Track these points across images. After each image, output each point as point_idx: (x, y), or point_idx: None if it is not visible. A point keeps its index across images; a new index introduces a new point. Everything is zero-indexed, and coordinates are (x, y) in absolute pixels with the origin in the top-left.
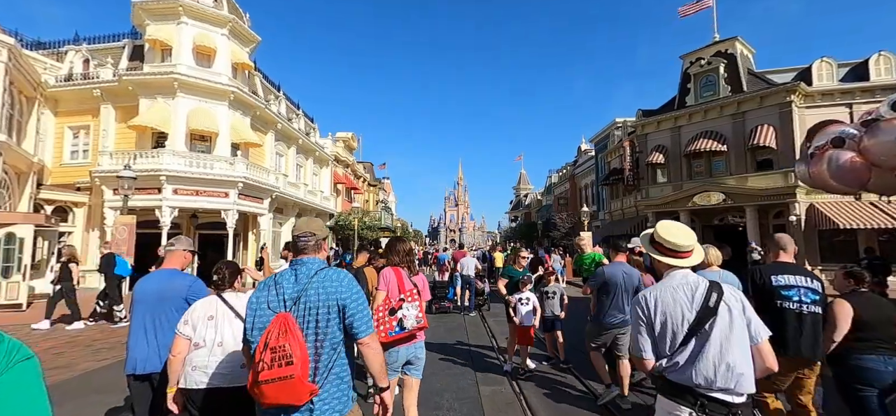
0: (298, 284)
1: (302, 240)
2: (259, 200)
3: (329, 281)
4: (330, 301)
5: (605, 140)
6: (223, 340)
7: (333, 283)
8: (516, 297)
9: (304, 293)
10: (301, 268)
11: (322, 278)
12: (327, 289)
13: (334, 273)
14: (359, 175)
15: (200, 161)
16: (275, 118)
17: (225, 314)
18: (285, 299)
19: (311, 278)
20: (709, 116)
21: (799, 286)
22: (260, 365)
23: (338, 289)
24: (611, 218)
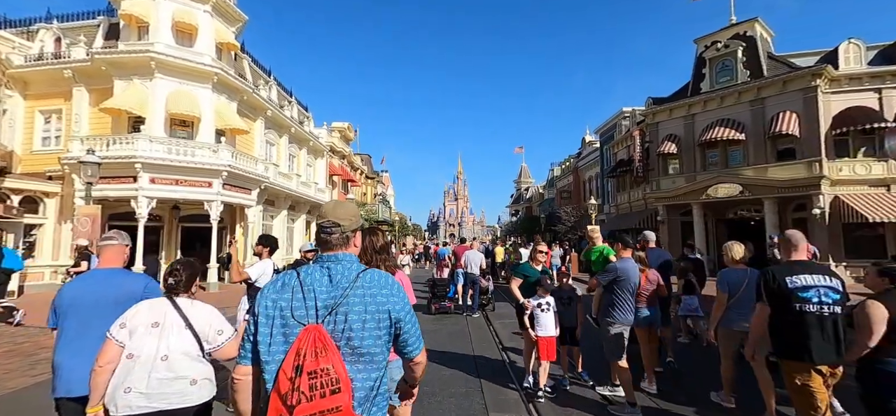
0: (335, 288)
1: (325, 231)
2: (246, 191)
3: (377, 287)
4: (381, 313)
5: (611, 131)
6: (169, 353)
7: (383, 290)
8: (534, 302)
9: (343, 301)
10: (336, 267)
11: (368, 282)
12: (376, 297)
13: (380, 277)
14: (356, 167)
15: (180, 148)
16: (264, 104)
17: (174, 323)
18: (318, 306)
19: (353, 281)
20: (725, 102)
21: (818, 286)
22: (294, 397)
23: (389, 298)
24: (617, 211)
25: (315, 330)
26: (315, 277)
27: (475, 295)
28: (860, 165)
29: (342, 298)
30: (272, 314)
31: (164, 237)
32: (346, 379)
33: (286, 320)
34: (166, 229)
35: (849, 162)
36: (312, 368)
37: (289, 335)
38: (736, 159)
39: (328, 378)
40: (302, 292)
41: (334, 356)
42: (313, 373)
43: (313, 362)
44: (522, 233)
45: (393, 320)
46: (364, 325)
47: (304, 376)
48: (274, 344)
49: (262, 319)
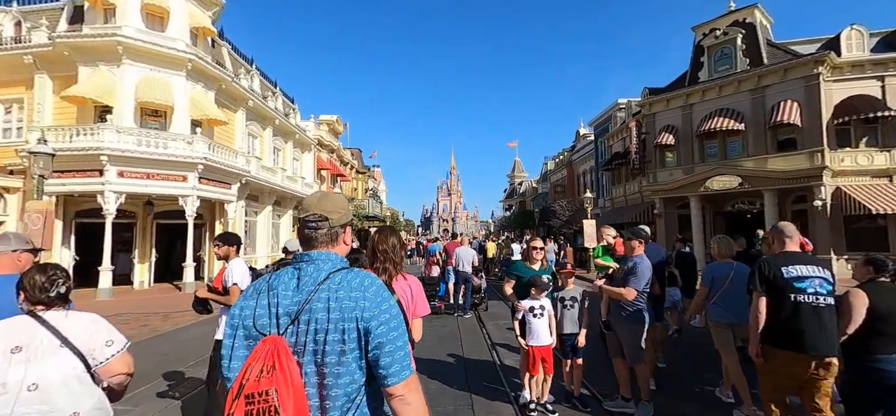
0: (300, 291)
1: (310, 225)
2: (225, 186)
3: (345, 288)
4: (346, 321)
5: (606, 123)
6: (40, 381)
7: (354, 292)
8: (527, 305)
9: (308, 307)
10: (307, 268)
11: (337, 283)
12: (343, 301)
13: (355, 277)
14: (346, 161)
15: (152, 139)
16: (245, 94)
17: (44, 343)
18: (279, 313)
19: (319, 283)
20: (724, 92)
21: (813, 277)
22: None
23: (359, 302)
24: (612, 205)
25: (273, 343)
26: (283, 280)
27: (467, 294)
28: (862, 156)
29: (305, 303)
30: (236, 324)
31: (138, 235)
32: (295, 408)
33: (249, 331)
34: (140, 226)
35: (851, 152)
36: (252, 391)
37: (251, 348)
38: (735, 150)
39: (266, 406)
40: (267, 299)
41: (284, 377)
42: (251, 398)
43: (255, 383)
44: (516, 228)
45: (361, 331)
46: (327, 336)
47: (241, 401)
48: (235, 359)
49: (228, 329)
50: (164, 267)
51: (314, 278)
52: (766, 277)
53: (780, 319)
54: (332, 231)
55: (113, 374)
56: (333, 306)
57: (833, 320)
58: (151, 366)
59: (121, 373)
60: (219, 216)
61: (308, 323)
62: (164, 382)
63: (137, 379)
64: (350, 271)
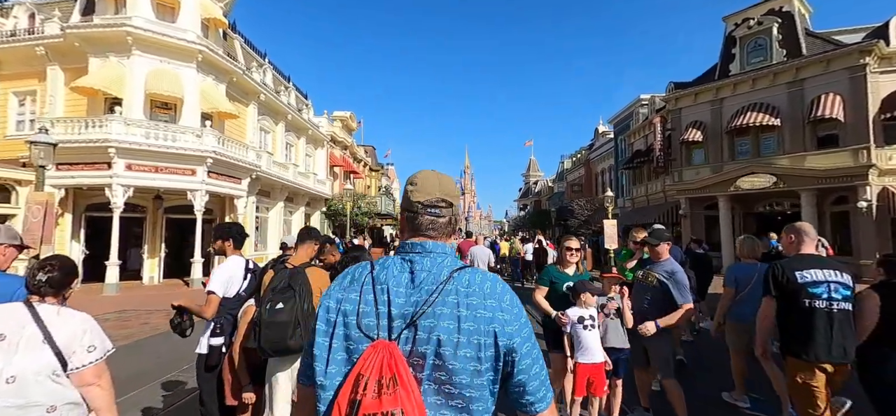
0: (418, 290)
1: (430, 212)
2: (236, 180)
3: (479, 295)
4: (481, 335)
5: (627, 120)
6: (18, 372)
7: (489, 300)
8: (574, 315)
9: (428, 311)
10: (421, 260)
11: (465, 286)
12: (477, 310)
13: (485, 281)
14: (359, 158)
15: (160, 132)
16: (257, 88)
17: (30, 336)
18: (392, 314)
19: (441, 284)
20: (758, 85)
21: (828, 281)
22: None
23: (496, 313)
24: (633, 205)
25: (385, 349)
26: (392, 272)
27: None
28: None
29: (426, 305)
30: (333, 319)
31: (148, 229)
32: None
33: (350, 331)
34: (150, 220)
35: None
36: (372, 411)
37: (352, 352)
38: (769, 147)
39: None
40: (373, 293)
41: (407, 395)
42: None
43: (375, 401)
44: (531, 228)
45: (500, 350)
46: (456, 350)
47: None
48: (333, 363)
49: (321, 324)
50: (175, 262)
51: (434, 276)
52: (780, 281)
53: (795, 326)
54: (454, 220)
55: (84, 383)
56: (465, 315)
57: (849, 327)
58: (143, 368)
59: (92, 384)
60: (229, 211)
61: (430, 331)
62: (151, 387)
63: (125, 383)
64: (472, 270)
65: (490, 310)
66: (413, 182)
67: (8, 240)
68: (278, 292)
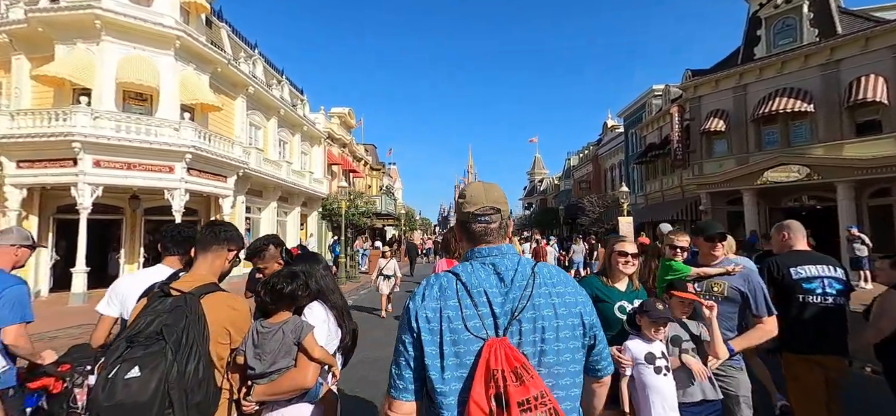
0: (511, 287)
1: (481, 220)
2: (220, 178)
3: (562, 284)
4: (573, 318)
5: (638, 112)
6: None
7: (569, 287)
8: (639, 352)
9: (528, 304)
10: (502, 261)
11: (547, 277)
12: (565, 296)
13: (559, 272)
14: (359, 157)
15: (132, 125)
16: (245, 80)
17: None
18: (495, 313)
19: (529, 279)
20: (788, 68)
21: (822, 277)
22: None
23: (577, 296)
24: (647, 201)
25: (501, 344)
26: (480, 276)
27: None
28: None
29: (524, 299)
30: (438, 328)
31: (126, 232)
32: (560, 410)
33: (458, 335)
34: (129, 222)
35: None
36: (522, 396)
37: (462, 355)
38: (800, 136)
39: (546, 410)
40: (470, 298)
41: (540, 379)
42: (524, 404)
43: (519, 388)
44: (537, 227)
45: (586, 327)
46: (558, 335)
47: (514, 408)
48: (447, 369)
49: (426, 335)
50: None
51: (522, 272)
52: (775, 278)
53: (791, 321)
54: (504, 224)
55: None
56: (558, 302)
57: (842, 321)
58: None
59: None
60: (214, 212)
61: (534, 322)
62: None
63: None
64: (546, 264)
65: (572, 295)
66: (463, 195)
67: (20, 241)
68: (136, 344)
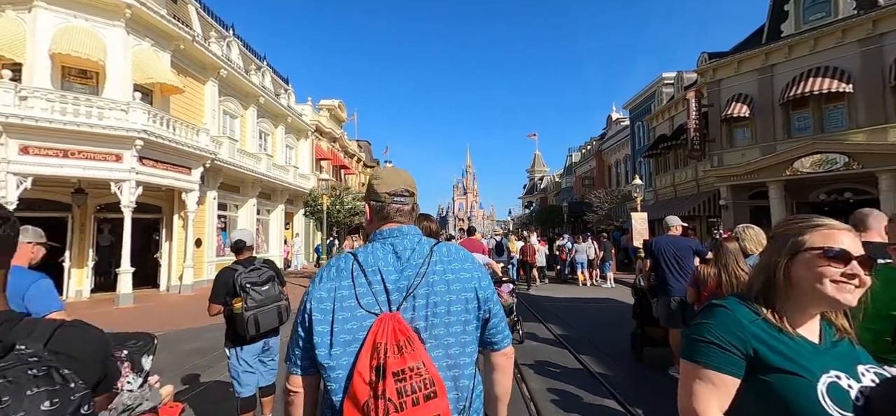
0: (407, 265)
1: (398, 200)
2: (183, 170)
3: (458, 261)
4: (467, 291)
5: (646, 103)
6: None
7: (466, 264)
8: None
9: (421, 281)
10: (401, 241)
11: (446, 255)
12: (459, 273)
13: (458, 250)
14: (351, 153)
15: (69, 105)
16: (217, 62)
17: None
18: (389, 289)
19: (426, 257)
20: (821, 45)
21: None
22: (379, 407)
23: (473, 272)
24: (656, 197)
25: (392, 319)
26: (378, 255)
27: None
28: None
29: (418, 277)
30: (329, 307)
31: (75, 233)
32: (440, 380)
33: (350, 312)
34: (78, 220)
35: None
36: (398, 367)
37: (356, 331)
38: (836, 121)
39: (421, 379)
40: (364, 276)
41: (422, 352)
42: (400, 374)
43: (398, 359)
44: (539, 225)
45: (481, 302)
46: (449, 309)
47: (389, 378)
48: (336, 344)
49: (318, 314)
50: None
51: (420, 251)
52: None
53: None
54: (415, 207)
55: None
56: (452, 278)
57: None
58: None
59: None
60: (178, 209)
61: (427, 297)
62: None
63: None
64: (447, 243)
65: (469, 271)
66: (378, 176)
67: (35, 239)
68: None
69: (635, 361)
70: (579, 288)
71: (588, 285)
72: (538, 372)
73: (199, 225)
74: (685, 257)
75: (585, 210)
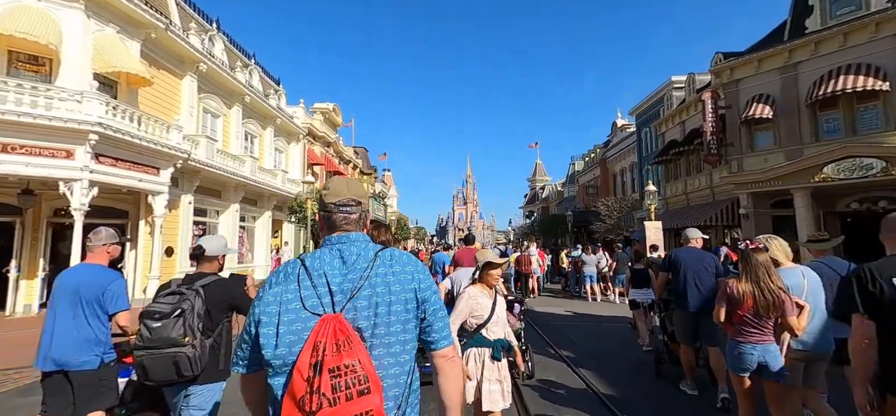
0: (352, 269)
1: (344, 209)
2: (150, 170)
3: (400, 264)
4: (406, 292)
5: (655, 107)
6: None
7: (408, 266)
8: None
9: (364, 284)
10: (348, 248)
11: (389, 259)
12: (400, 275)
13: (403, 255)
14: (346, 159)
15: (10, 93)
16: (195, 55)
17: None
18: (333, 291)
19: (371, 261)
20: (852, 40)
21: None
22: (313, 401)
23: (415, 275)
24: (666, 206)
25: (334, 320)
26: (324, 260)
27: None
28: None
29: (362, 280)
30: (275, 310)
31: (24, 240)
32: (375, 377)
33: (296, 315)
34: (30, 225)
35: None
36: (334, 364)
37: (301, 331)
38: (870, 123)
39: (354, 376)
40: (310, 280)
41: (360, 350)
42: (335, 371)
43: (335, 357)
44: (540, 235)
45: (419, 301)
46: (390, 309)
47: (325, 374)
48: (281, 345)
49: (264, 317)
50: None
51: (364, 256)
52: (870, 291)
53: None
54: (363, 215)
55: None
56: (393, 280)
57: None
58: None
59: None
60: (145, 214)
61: (369, 299)
62: None
63: None
64: (393, 249)
65: (410, 273)
66: (326, 187)
67: (110, 240)
68: None
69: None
70: (589, 304)
71: (597, 301)
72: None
73: (170, 232)
74: (706, 271)
75: (592, 219)
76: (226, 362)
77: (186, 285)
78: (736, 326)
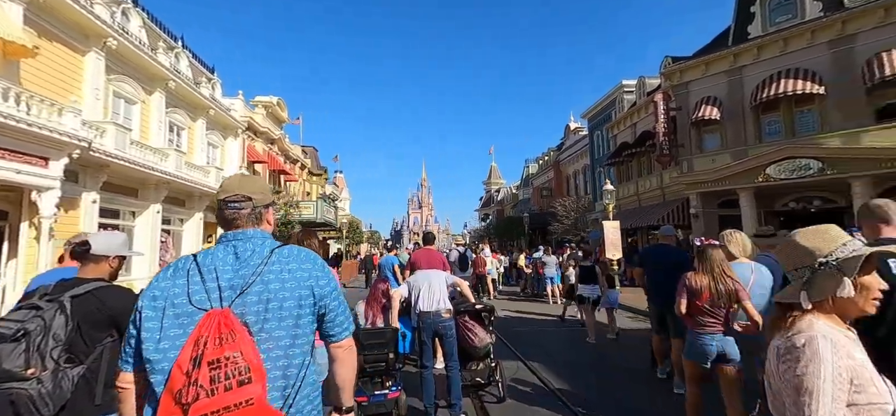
0: (244, 265)
1: (232, 205)
2: (35, 161)
3: (296, 261)
4: (301, 289)
5: (607, 111)
6: None
7: (305, 264)
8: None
9: (256, 280)
10: (244, 244)
11: (286, 256)
12: (296, 272)
13: (300, 252)
14: (293, 158)
15: None
16: (100, 27)
17: None
18: (222, 287)
19: (266, 257)
20: (791, 46)
21: None
22: (189, 393)
23: (311, 272)
24: (620, 207)
25: (220, 315)
26: (217, 256)
27: (452, 374)
28: None
29: (254, 276)
30: (161, 305)
31: None
32: (258, 367)
33: (182, 309)
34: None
35: None
36: (214, 357)
37: (186, 326)
38: (808, 125)
39: (236, 367)
40: (200, 275)
41: (244, 343)
42: (215, 363)
43: (216, 350)
44: (496, 238)
45: (317, 298)
46: (282, 305)
47: (204, 367)
48: (165, 339)
49: (149, 311)
50: None
51: (259, 253)
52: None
53: (882, 335)
54: (256, 211)
55: None
56: (288, 277)
57: None
58: None
59: None
60: (28, 215)
61: (260, 294)
62: None
63: None
64: (291, 246)
65: (306, 271)
66: (221, 185)
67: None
68: None
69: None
70: (550, 305)
71: (559, 303)
72: None
73: (65, 237)
74: (677, 268)
75: (549, 220)
76: (105, 395)
77: (51, 296)
78: (695, 317)
